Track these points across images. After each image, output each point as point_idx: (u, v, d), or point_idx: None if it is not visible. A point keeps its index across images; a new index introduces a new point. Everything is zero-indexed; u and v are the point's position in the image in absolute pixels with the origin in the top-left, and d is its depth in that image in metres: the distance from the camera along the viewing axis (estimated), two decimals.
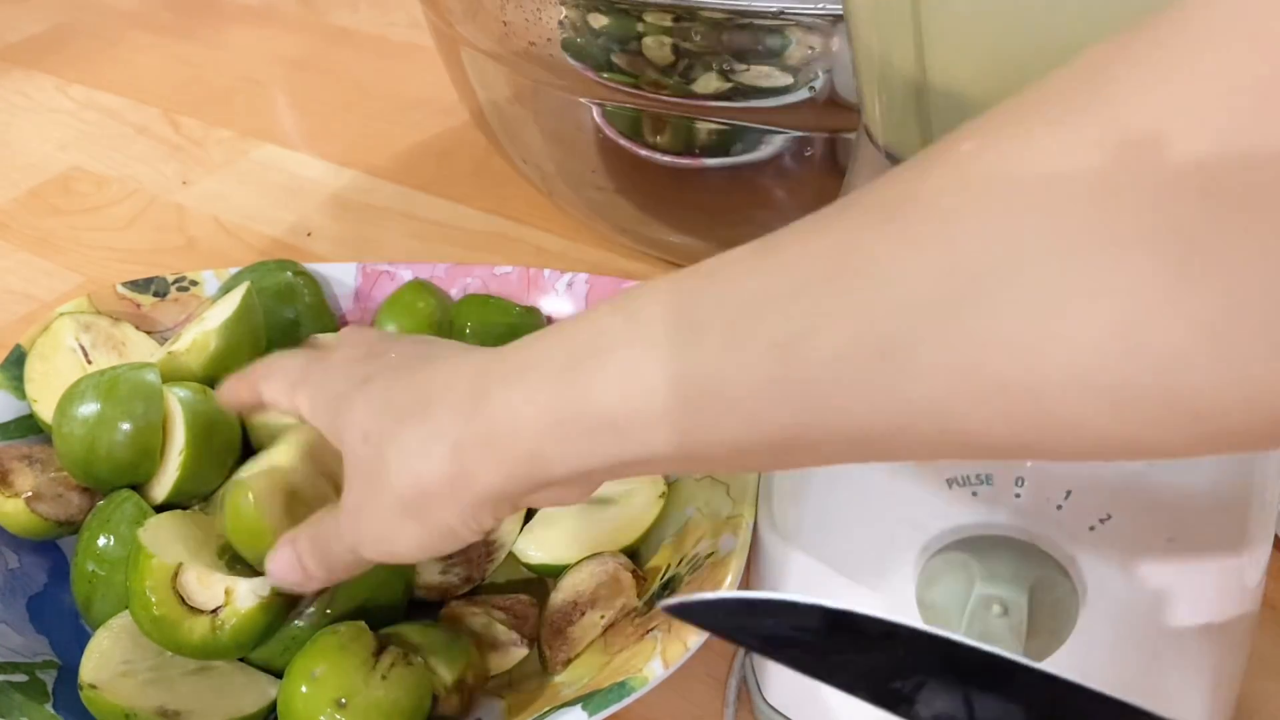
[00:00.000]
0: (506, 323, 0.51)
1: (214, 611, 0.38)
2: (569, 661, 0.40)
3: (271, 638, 0.39)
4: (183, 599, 0.38)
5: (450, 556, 0.43)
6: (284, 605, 0.39)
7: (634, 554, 0.44)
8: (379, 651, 0.37)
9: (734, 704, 0.42)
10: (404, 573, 0.42)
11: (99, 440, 0.42)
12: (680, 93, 0.49)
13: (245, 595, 0.38)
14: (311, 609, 0.40)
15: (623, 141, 0.55)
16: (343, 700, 0.36)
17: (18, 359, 0.48)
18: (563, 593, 0.42)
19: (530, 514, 0.45)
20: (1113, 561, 0.30)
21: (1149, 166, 0.18)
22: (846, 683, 0.22)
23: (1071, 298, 0.18)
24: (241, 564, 0.39)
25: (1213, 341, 0.17)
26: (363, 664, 0.36)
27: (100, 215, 0.75)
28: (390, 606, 0.41)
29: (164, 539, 0.39)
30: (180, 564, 0.38)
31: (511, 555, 0.44)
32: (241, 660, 0.40)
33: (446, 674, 0.38)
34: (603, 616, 0.41)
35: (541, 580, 0.45)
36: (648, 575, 0.42)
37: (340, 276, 0.54)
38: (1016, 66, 0.25)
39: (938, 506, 0.31)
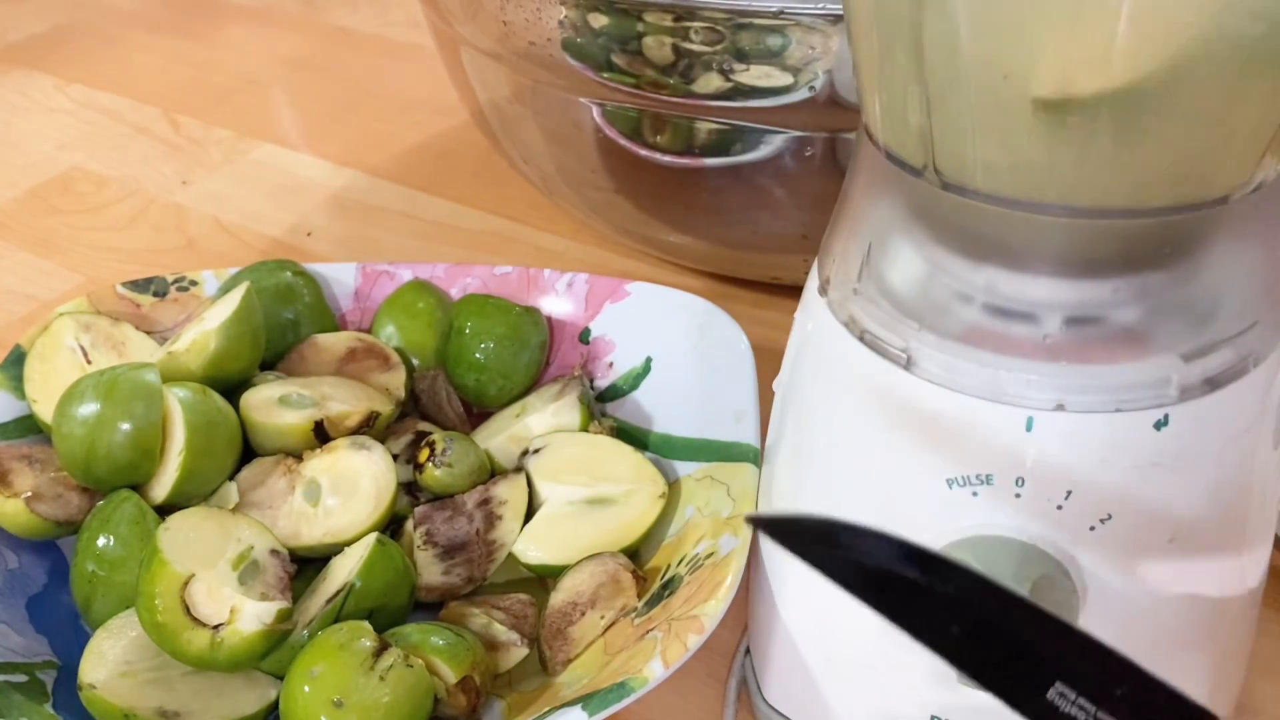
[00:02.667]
0: (506, 323, 0.51)
1: (216, 627, 0.38)
2: (569, 662, 0.40)
3: (268, 658, 0.39)
4: (188, 609, 0.38)
5: (452, 557, 0.43)
6: (285, 634, 0.39)
7: (634, 554, 0.44)
8: (380, 651, 0.37)
9: (734, 704, 0.42)
10: (410, 576, 0.42)
11: (99, 440, 0.42)
12: (680, 93, 0.49)
13: (249, 618, 0.38)
14: (315, 620, 0.39)
15: (623, 141, 0.54)
16: (339, 700, 0.36)
17: (17, 359, 0.49)
18: (563, 593, 0.42)
19: (530, 514, 0.45)
20: (1113, 561, 0.30)
21: None
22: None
23: None
24: (255, 576, 0.39)
25: None
26: (361, 664, 0.36)
27: (100, 215, 0.75)
28: (396, 609, 0.41)
29: (182, 543, 0.39)
30: (192, 575, 0.38)
31: (511, 555, 0.44)
32: None
33: (450, 674, 0.38)
34: (603, 617, 0.41)
35: (541, 580, 0.45)
36: (648, 576, 0.42)
37: (340, 276, 0.55)
38: (1015, 66, 0.25)
39: (938, 506, 0.31)
